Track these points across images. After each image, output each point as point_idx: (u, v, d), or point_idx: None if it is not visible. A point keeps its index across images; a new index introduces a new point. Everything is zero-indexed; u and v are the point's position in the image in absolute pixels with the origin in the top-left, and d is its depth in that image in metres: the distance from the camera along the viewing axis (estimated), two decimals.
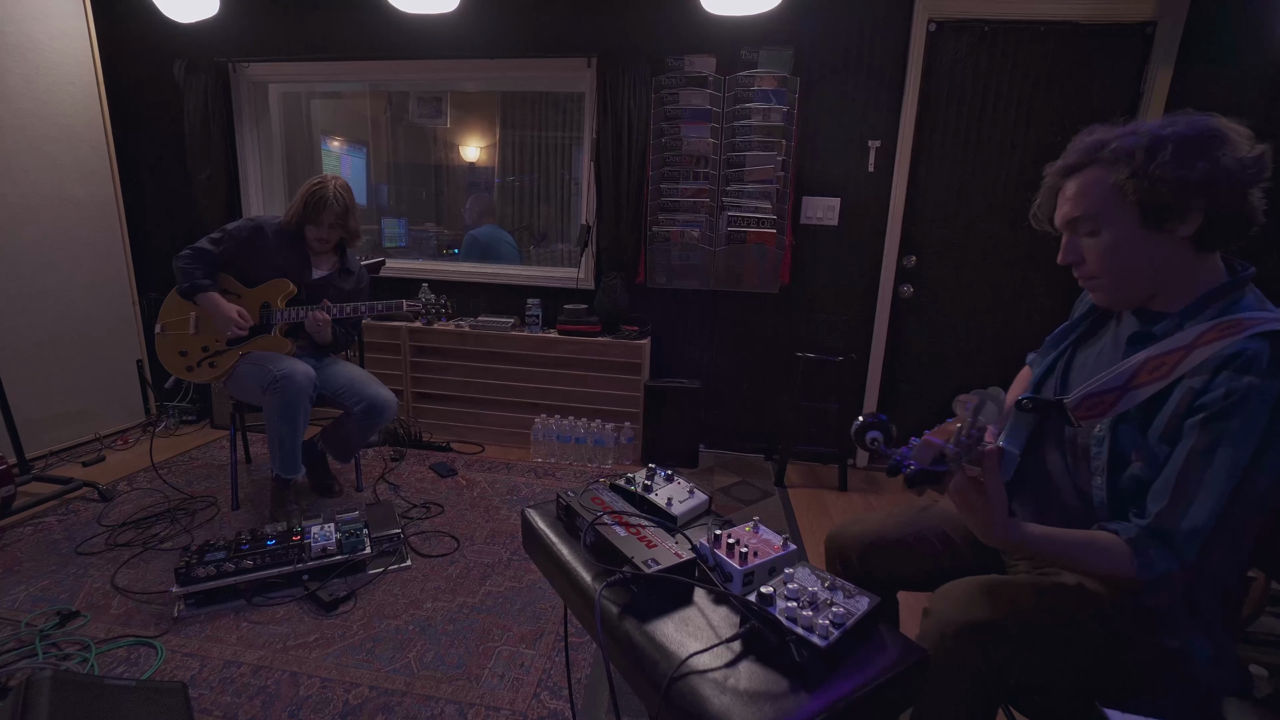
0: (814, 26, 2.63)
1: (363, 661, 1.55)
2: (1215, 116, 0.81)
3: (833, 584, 0.83)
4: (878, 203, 2.75)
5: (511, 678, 1.51)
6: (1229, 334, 0.77)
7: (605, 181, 2.83)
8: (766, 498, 2.62)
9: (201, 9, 2.51)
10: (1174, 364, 0.80)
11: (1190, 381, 0.79)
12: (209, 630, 1.63)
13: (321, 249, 2.25)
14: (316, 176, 2.17)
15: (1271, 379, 0.73)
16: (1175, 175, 0.78)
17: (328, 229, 2.17)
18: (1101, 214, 0.86)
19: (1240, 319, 0.78)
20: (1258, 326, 0.76)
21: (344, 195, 2.17)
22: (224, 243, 2.17)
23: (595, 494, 1.06)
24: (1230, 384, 0.75)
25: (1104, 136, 0.86)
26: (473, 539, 2.16)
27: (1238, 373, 0.75)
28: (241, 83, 3.19)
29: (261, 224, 2.22)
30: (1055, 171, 0.92)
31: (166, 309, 2.23)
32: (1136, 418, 0.84)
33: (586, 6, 2.79)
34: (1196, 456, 0.77)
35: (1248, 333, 0.76)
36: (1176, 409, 0.79)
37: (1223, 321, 0.79)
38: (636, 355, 2.86)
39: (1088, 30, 2.52)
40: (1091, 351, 0.98)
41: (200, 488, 2.47)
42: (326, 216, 2.13)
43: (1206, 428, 0.76)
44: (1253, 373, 0.74)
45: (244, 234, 2.19)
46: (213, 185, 3.20)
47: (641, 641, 0.78)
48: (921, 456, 0.85)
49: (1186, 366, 0.79)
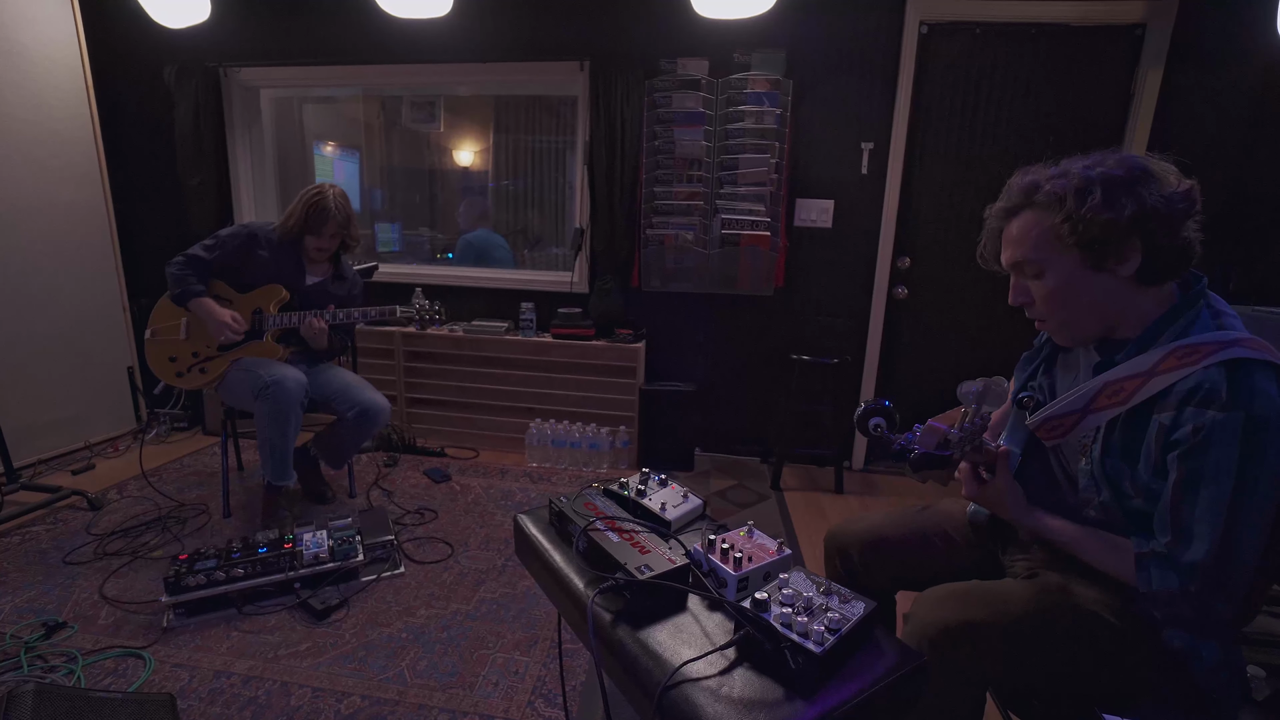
0: (806, 29, 2.63)
1: (355, 670, 1.53)
2: (1143, 155, 0.83)
3: (828, 589, 0.82)
4: (871, 205, 2.75)
5: (506, 686, 1.50)
6: (1186, 362, 0.78)
7: (598, 184, 2.82)
8: (762, 501, 2.61)
9: (192, 14, 2.50)
10: (1132, 390, 0.81)
11: (1160, 417, 0.79)
12: (199, 640, 1.60)
13: (320, 258, 2.25)
14: (314, 185, 2.16)
15: (1232, 410, 0.74)
16: (1106, 217, 0.79)
17: (329, 238, 2.17)
18: (1044, 258, 0.86)
19: (1196, 345, 0.79)
20: (1213, 355, 0.77)
21: (344, 205, 2.17)
22: (217, 249, 2.16)
23: (588, 499, 1.05)
24: (1196, 420, 0.76)
25: (1037, 178, 0.87)
26: (467, 545, 2.14)
27: (1201, 407, 0.76)
28: (233, 88, 3.17)
29: (255, 230, 2.20)
30: (995, 213, 0.93)
31: (157, 314, 2.21)
32: (1115, 449, 0.84)
33: (579, 10, 2.79)
34: (1181, 491, 0.78)
35: (1204, 362, 0.77)
36: (1153, 445, 0.80)
37: (1179, 347, 0.80)
38: (631, 359, 2.85)
39: (1078, 32, 2.54)
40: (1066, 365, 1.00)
41: (192, 495, 2.44)
42: (329, 228, 2.13)
43: (1185, 464, 0.77)
44: (1214, 407, 0.75)
45: (237, 240, 2.17)
46: (204, 191, 3.18)
47: (635, 649, 0.77)
48: (926, 441, 0.86)
49: (1145, 393, 0.80)
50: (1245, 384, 0.74)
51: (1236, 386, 0.74)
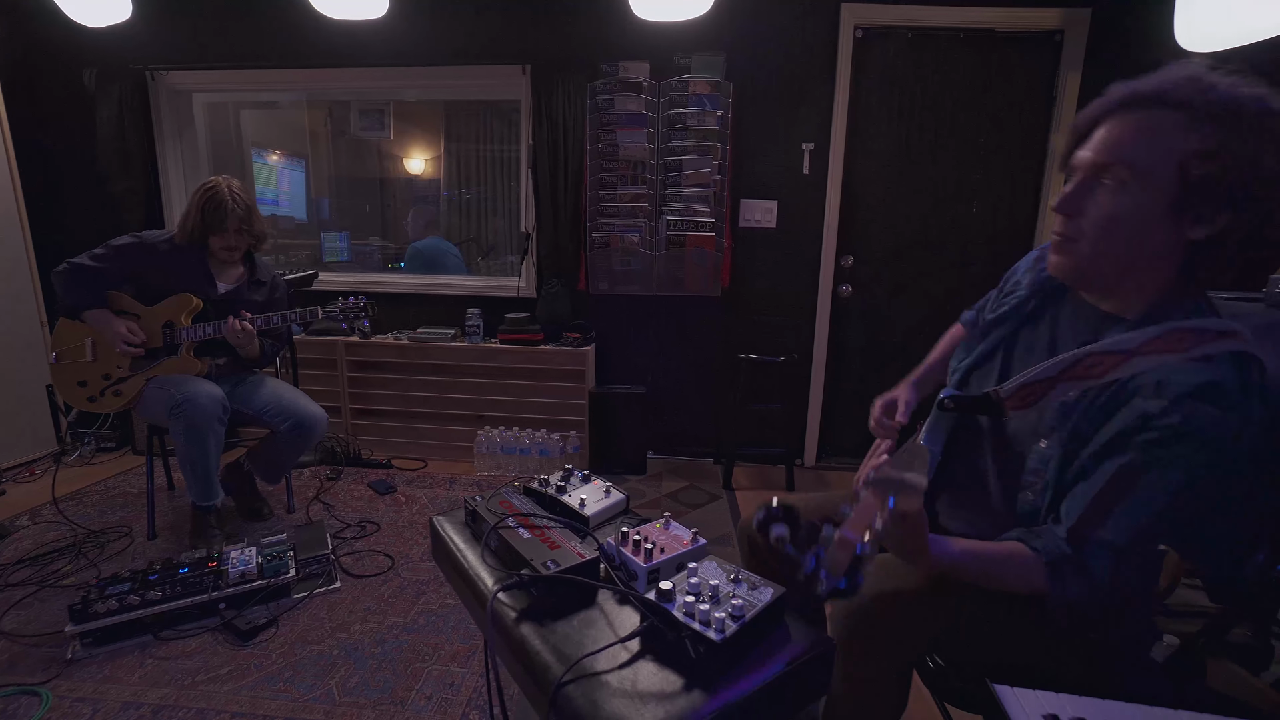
0: (745, 32, 2.67)
1: (280, 691, 1.45)
2: None
3: (738, 576, 0.81)
4: (814, 205, 2.79)
5: (440, 699, 1.44)
6: (1178, 347, 0.70)
7: (543, 188, 2.80)
8: (714, 501, 2.60)
9: (112, 13, 2.38)
10: (1111, 365, 0.74)
11: (1144, 403, 0.71)
12: (107, 671, 1.50)
13: (230, 258, 2.12)
14: (205, 181, 2.04)
15: (1232, 411, 0.67)
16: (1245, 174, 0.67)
17: (235, 235, 2.05)
18: (1141, 173, 0.72)
19: (1187, 329, 0.71)
20: (1210, 345, 0.70)
21: (243, 196, 2.05)
22: (106, 259, 2.01)
23: (504, 497, 1.02)
24: (1190, 412, 0.68)
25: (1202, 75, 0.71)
26: (408, 557, 2.07)
27: (1205, 403, 0.68)
28: (161, 92, 3.05)
29: (147, 240, 2.06)
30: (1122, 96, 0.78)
31: (59, 336, 2.05)
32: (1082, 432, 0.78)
33: (519, 14, 2.77)
34: (1129, 474, 0.72)
35: (1198, 350, 0.70)
36: (1124, 428, 0.73)
37: (1173, 330, 0.72)
38: (580, 363, 2.82)
39: (1003, 37, 2.63)
40: (1033, 339, 0.91)
41: (115, 518, 2.31)
42: (231, 222, 2.01)
43: (1150, 450, 0.70)
44: (1222, 405, 0.68)
45: (129, 250, 2.03)
46: (132, 199, 3.04)
47: (536, 646, 0.75)
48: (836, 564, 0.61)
49: (1124, 371, 0.73)
50: (1250, 386, 0.69)
51: (1246, 387, 0.68)
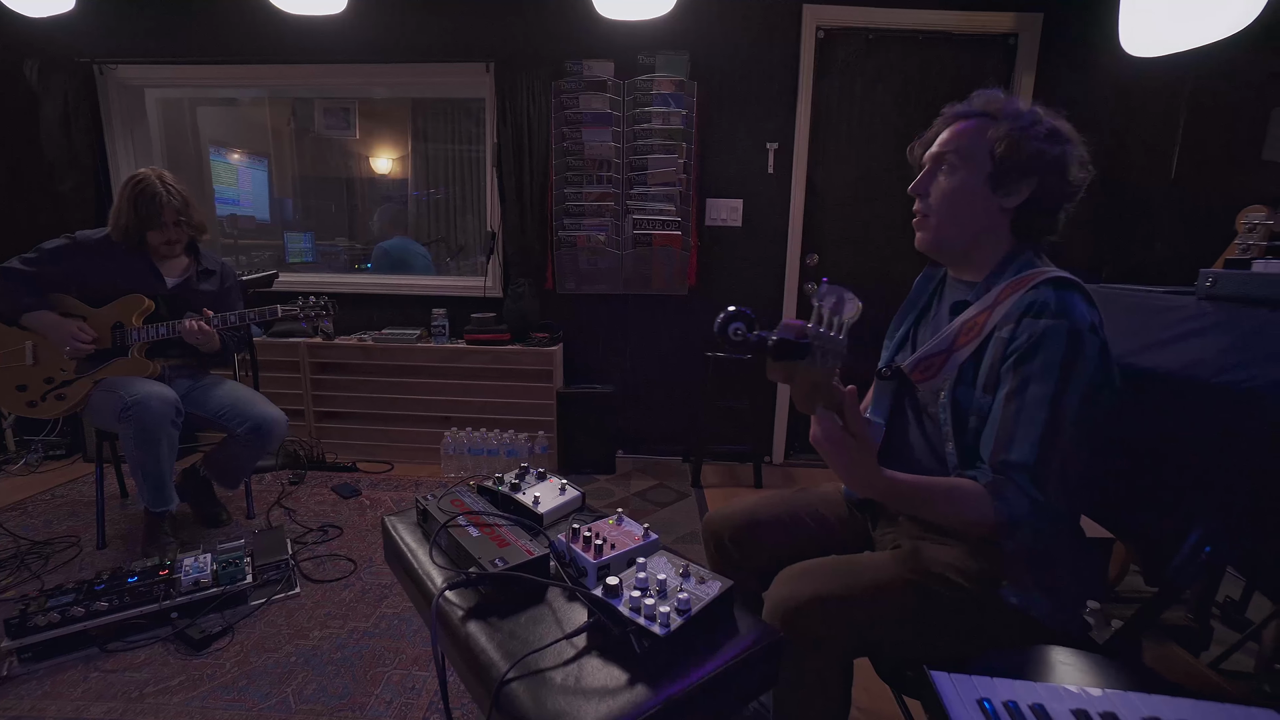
0: (708, 32, 2.69)
1: (232, 702, 1.41)
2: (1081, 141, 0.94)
3: (685, 571, 0.81)
4: (779, 203, 2.82)
5: (400, 704, 1.42)
6: (1021, 287, 0.88)
7: (508, 187, 2.78)
8: (682, 499, 2.61)
9: (53, 3, 2.30)
10: (983, 323, 0.90)
11: (1000, 333, 0.88)
12: (47, 687, 1.44)
13: (171, 253, 2.06)
14: (132, 174, 1.98)
15: (1060, 317, 0.83)
16: (1036, 148, 0.89)
17: (173, 228, 1.99)
18: (964, 159, 0.94)
19: (1025, 276, 0.90)
20: (1040, 277, 0.88)
21: (176, 186, 1.99)
22: (40, 262, 1.95)
23: (457, 496, 1.01)
24: (1031, 328, 0.84)
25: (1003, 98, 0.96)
26: (371, 561, 2.04)
27: (1034, 318, 0.85)
28: (110, 86, 2.95)
29: (82, 240, 2.00)
30: (949, 114, 1.00)
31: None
32: (968, 378, 0.91)
33: (482, 12, 2.74)
34: (1012, 396, 0.84)
35: (1032, 284, 0.87)
36: (993, 360, 0.88)
37: (1013, 280, 0.91)
38: (548, 362, 2.81)
39: (959, 40, 2.70)
40: (929, 323, 1.07)
41: (61, 528, 2.22)
42: (167, 214, 1.95)
43: (1017, 370, 0.84)
44: (1045, 315, 0.84)
45: (63, 252, 1.97)
46: (80, 197, 2.93)
47: (482, 644, 0.74)
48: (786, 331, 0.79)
49: (993, 322, 0.89)
50: (1068, 299, 0.85)
51: (1061, 300, 0.85)
